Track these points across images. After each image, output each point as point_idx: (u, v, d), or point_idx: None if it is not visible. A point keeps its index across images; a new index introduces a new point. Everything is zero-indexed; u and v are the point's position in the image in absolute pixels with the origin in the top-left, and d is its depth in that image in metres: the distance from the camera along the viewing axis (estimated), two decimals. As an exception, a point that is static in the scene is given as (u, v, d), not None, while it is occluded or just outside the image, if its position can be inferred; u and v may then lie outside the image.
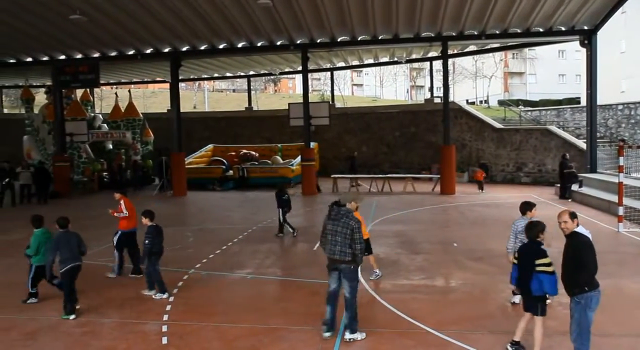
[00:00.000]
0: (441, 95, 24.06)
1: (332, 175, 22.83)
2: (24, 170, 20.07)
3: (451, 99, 23.31)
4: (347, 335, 5.99)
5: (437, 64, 31.41)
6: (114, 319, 6.87)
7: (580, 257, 4.85)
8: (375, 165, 28.28)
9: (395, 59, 29.12)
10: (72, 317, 6.96)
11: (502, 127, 26.27)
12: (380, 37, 20.81)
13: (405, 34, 20.51)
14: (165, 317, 6.84)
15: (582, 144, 22.32)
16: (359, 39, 20.88)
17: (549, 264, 5.20)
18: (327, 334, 6.03)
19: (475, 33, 20.21)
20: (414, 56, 28.30)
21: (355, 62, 30.41)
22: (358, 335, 6.00)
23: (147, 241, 7.75)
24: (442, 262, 9.73)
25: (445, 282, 8.63)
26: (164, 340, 6.09)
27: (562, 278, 5.01)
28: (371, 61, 29.99)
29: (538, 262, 5.19)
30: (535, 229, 5.36)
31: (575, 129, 27.91)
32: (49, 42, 20.76)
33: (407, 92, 78.88)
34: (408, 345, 5.89)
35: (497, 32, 20.16)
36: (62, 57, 22.94)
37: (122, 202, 9.49)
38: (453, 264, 9.55)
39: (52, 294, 8.05)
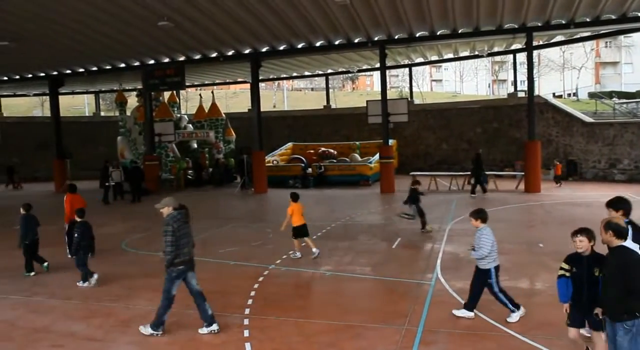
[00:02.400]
0: (525, 89, 23.05)
1: (411, 173, 22.52)
2: (115, 170, 21.39)
3: (536, 92, 22.27)
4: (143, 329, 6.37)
5: (521, 57, 30.16)
6: (198, 311, 7.17)
7: (629, 280, 4.07)
8: (456, 163, 27.58)
9: (476, 53, 28.16)
10: (32, 274, 9.34)
11: (593, 121, 24.72)
12: (460, 31, 20.22)
13: (487, 26, 19.80)
14: (247, 311, 7.06)
15: (686, 138, 20.55)
16: (438, 33, 20.43)
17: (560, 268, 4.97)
18: (216, 327, 6.33)
19: (563, 22, 19.11)
20: (496, 49, 27.24)
21: (434, 57, 29.78)
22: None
23: (76, 235, 8.75)
24: (526, 263, 9.34)
25: (530, 284, 8.27)
26: (246, 333, 6.29)
27: (602, 298, 4.35)
28: (451, 56, 29.22)
29: None
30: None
31: (679, 122, 25.71)
32: (139, 48, 22.02)
33: (489, 86, 76.31)
34: (490, 348, 5.72)
35: (588, 19, 18.94)
36: (151, 61, 24.25)
37: (65, 198, 10.91)
38: (538, 266, 9.13)
39: (142, 285, 8.57)
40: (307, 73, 34.16)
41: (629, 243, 4.22)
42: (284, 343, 5.98)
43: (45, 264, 9.57)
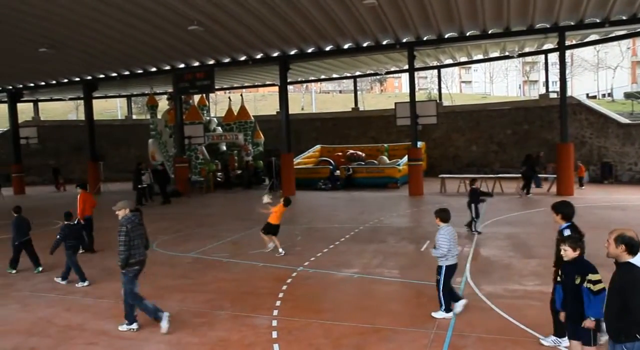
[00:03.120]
0: (557, 89, 22.60)
1: (440, 176, 22.31)
2: (145, 172, 21.74)
3: (569, 93, 21.76)
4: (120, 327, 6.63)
5: (553, 57, 29.54)
6: (227, 312, 7.26)
7: (626, 299, 3.79)
8: (485, 165, 27.22)
9: (507, 54, 27.74)
10: (14, 271, 9.93)
11: (630, 122, 24.07)
12: (490, 31, 19.96)
13: (518, 26, 19.48)
14: (275, 312, 7.10)
15: None
16: (467, 34, 20.18)
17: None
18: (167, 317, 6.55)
19: (598, 20, 18.64)
20: (527, 49, 26.79)
21: (464, 59, 29.44)
22: (133, 326, 6.60)
23: (58, 236, 9.13)
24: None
25: (563, 288, 8.08)
26: (274, 334, 6.33)
27: (604, 316, 4.12)
28: (480, 57, 28.86)
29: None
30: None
31: None
32: (170, 52, 22.39)
33: (520, 87, 75.17)
34: (521, 353, 5.62)
35: (624, 17, 18.39)
36: (182, 65, 24.63)
37: (79, 196, 11.71)
38: (572, 270, 8.91)
39: (173, 285, 8.71)
40: (335, 75, 34.16)
41: (638, 259, 3.90)
42: (311, 345, 6.00)
43: (14, 271, 10.07)
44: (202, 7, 16.55)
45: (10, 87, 29.29)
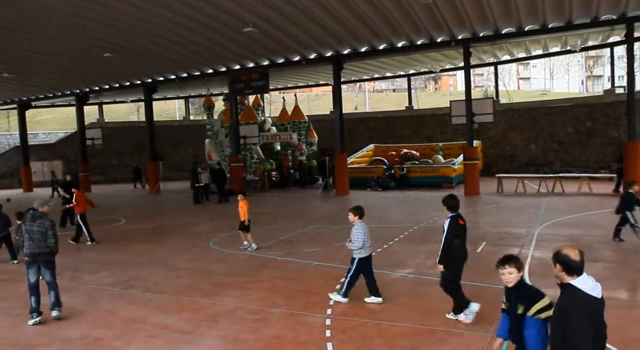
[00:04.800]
0: (624, 84, 21.52)
1: (497, 175, 21.72)
2: (204, 171, 22.24)
3: (637, 88, 20.57)
4: (54, 314, 7.19)
5: (620, 50, 28.18)
6: (282, 309, 7.34)
7: (565, 329, 3.31)
8: (545, 164, 26.29)
9: (568, 48, 26.68)
10: (15, 261, 10.66)
11: None
12: (550, 26, 19.23)
13: (581, 19, 18.67)
14: (329, 311, 7.13)
15: None
16: (525, 29, 19.54)
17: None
18: (39, 319, 7.05)
19: (671, 10, 17.64)
20: (590, 43, 25.62)
21: (522, 55, 28.51)
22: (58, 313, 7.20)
23: (17, 237, 9.37)
24: (625, 273, 8.70)
25: (630, 295, 7.70)
26: (328, 333, 6.35)
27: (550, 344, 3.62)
28: (540, 52, 27.85)
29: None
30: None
31: None
32: (226, 54, 22.89)
33: (582, 83, 72.10)
34: (584, 360, 5.38)
35: (700, 6, 17.33)
36: (237, 66, 25.13)
37: (75, 194, 12.91)
38: (640, 275, 8.48)
39: (229, 282, 8.90)
40: (388, 74, 33.93)
41: (582, 280, 3.39)
42: (365, 345, 5.97)
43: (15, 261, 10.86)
44: (256, 8, 16.82)
45: (78, 91, 30.84)
